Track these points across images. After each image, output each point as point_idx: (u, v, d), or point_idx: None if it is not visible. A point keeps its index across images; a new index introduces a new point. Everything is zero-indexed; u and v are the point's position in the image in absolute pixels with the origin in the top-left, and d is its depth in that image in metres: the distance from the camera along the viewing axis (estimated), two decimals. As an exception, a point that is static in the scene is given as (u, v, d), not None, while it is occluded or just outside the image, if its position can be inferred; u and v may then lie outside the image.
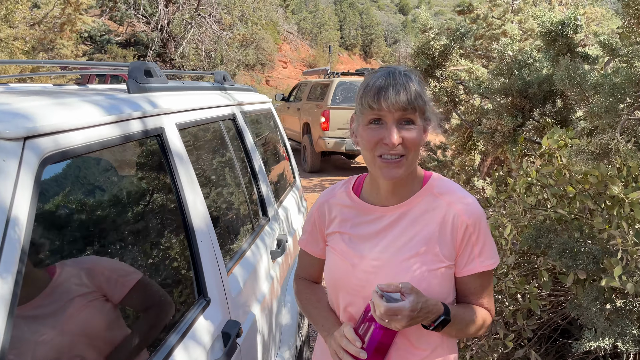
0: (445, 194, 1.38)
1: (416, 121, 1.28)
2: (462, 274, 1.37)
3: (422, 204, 1.37)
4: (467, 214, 1.34)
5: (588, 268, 2.34)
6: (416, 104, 1.25)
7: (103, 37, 20.51)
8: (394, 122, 1.26)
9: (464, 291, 1.42)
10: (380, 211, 1.40)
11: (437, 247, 1.33)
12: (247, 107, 2.88)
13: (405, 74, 1.29)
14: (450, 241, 1.34)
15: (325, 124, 10.89)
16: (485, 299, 1.42)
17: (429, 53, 3.77)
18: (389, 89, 1.24)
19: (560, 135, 3.01)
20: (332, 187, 1.55)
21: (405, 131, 1.26)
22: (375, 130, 1.28)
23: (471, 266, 1.36)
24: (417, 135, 1.27)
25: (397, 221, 1.37)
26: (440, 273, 1.33)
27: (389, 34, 49.18)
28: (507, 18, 9.85)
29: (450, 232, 1.34)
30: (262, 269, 2.29)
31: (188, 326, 1.49)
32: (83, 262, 1.21)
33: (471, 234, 1.34)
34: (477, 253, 1.35)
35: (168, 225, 1.61)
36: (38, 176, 1.03)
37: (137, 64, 1.79)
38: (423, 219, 1.36)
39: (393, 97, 1.23)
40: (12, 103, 1.11)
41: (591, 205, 2.72)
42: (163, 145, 1.65)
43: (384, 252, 1.36)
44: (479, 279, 1.39)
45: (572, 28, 2.75)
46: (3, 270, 0.86)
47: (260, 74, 27.40)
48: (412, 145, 1.27)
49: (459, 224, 1.34)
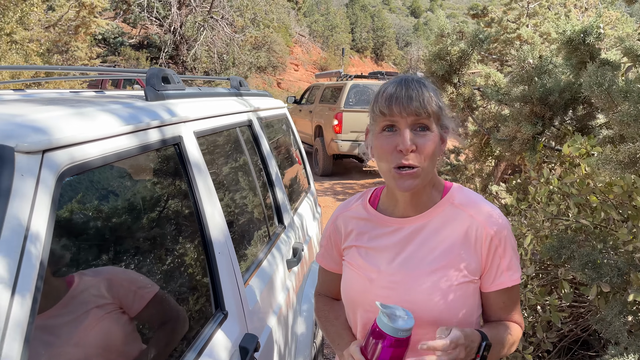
0: (466, 205, 1.32)
1: (431, 127, 1.23)
2: (491, 289, 1.31)
3: (442, 215, 1.31)
4: (491, 226, 1.28)
5: (612, 281, 2.28)
6: (430, 108, 1.21)
7: (117, 40, 20.64)
8: (407, 127, 1.21)
9: (492, 307, 1.35)
10: (398, 223, 1.34)
11: (460, 261, 1.27)
12: (263, 113, 2.84)
13: (418, 80, 1.25)
14: (475, 255, 1.28)
15: (338, 126, 10.71)
16: (515, 314, 1.37)
17: (446, 59, 3.72)
18: (401, 94, 1.21)
19: (582, 143, 2.95)
20: (347, 201, 1.50)
21: (420, 137, 1.21)
22: (388, 138, 1.23)
23: (500, 280, 1.30)
24: (432, 143, 1.22)
25: (416, 233, 1.32)
26: (464, 289, 1.27)
27: (401, 37, 49.09)
28: (522, 22, 9.75)
29: (474, 246, 1.28)
30: (278, 279, 2.25)
31: (205, 342, 1.45)
32: (102, 272, 1.18)
33: (497, 246, 1.28)
34: (505, 267, 1.29)
35: (186, 237, 1.57)
36: (56, 189, 0.99)
37: (155, 70, 1.76)
38: (444, 231, 1.30)
39: (405, 101, 1.20)
40: (27, 114, 1.08)
41: (615, 215, 2.65)
42: (181, 154, 1.61)
43: (403, 266, 1.30)
44: (507, 294, 1.32)
45: (595, 36, 2.68)
46: (20, 293, 0.82)
47: (272, 76, 27.43)
48: (427, 153, 1.22)
49: (483, 236, 1.28)
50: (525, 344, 2.77)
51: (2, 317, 0.78)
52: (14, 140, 0.96)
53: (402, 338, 1.14)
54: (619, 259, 2.37)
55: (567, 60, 2.96)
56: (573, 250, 2.49)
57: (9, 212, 0.87)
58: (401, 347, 1.16)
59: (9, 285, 0.81)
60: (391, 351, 1.15)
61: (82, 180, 1.15)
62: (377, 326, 1.16)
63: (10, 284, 0.81)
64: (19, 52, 10.07)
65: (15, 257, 0.84)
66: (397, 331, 1.13)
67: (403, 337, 1.14)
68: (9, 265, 0.82)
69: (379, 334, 1.16)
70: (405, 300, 1.26)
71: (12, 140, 0.96)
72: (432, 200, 1.33)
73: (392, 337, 1.14)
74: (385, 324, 1.14)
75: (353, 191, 10.09)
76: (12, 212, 0.87)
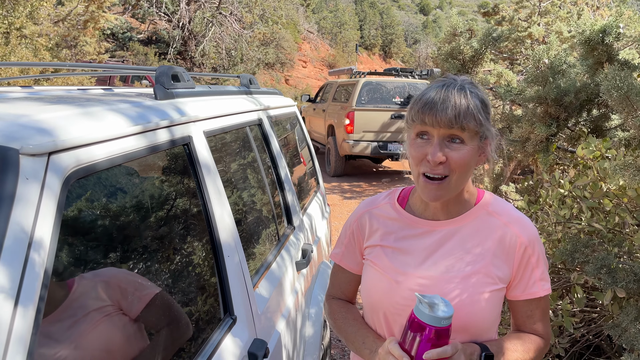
0: (500, 213, 1.31)
1: (466, 140, 1.18)
2: (522, 298, 1.30)
3: (477, 221, 1.30)
4: (525, 235, 1.28)
5: (628, 286, 2.23)
6: (465, 122, 1.15)
7: (125, 35, 20.67)
8: (439, 138, 1.17)
9: (520, 315, 1.34)
10: (429, 225, 1.31)
11: (491, 267, 1.25)
12: (273, 112, 2.80)
13: (462, 87, 1.20)
14: (506, 263, 1.27)
15: (350, 126, 10.20)
16: (541, 324, 1.33)
17: (458, 57, 3.66)
18: (437, 104, 1.16)
19: (596, 146, 2.89)
20: (373, 198, 1.45)
21: (452, 150, 1.17)
22: (421, 146, 1.20)
23: (533, 290, 1.29)
24: (464, 156, 1.18)
25: (448, 237, 1.29)
26: (492, 295, 1.25)
27: (409, 34, 48.90)
28: (534, 20, 9.65)
29: (507, 253, 1.27)
30: (287, 281, 2.21)
31: (214, 348, 1.42)
32: (100, 274, 1.14)
33: (530, 255, 1.27)
34: (539, 276, 1.28)
35: (195, 240, 1.53)
36: (62, 193, 0.96)
37: (165, 68, 1.72)
38: (477, 237, 1.28)
39: (439, 113, 1.15)
40: (33, 114, 1.04)
41: (630, 220, 2.60)
42: (190, 155, 1.57)
43: (433, 269, 1.27)
44: (536, 303, 1.31)
45: (614, 36, 2.62)
46: (23, 304, 0.78)
47: (280, 73, 27.37)
48: (457, 166, 1.18)
49: (517, 245, 1.27)
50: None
51: (5, 330, 0.75)
52: (18, 142, 0.92)
53: (444, 327, 1.09)
54: (634, 263, 2.32)
55: (584, 60, 2.89)
56: (587, 254, 2.44)
57: (12, 219, 0.83)
58: (442, 337, 1.10)
59: (11, 297, 0.77)
60: (432, 342, 1.10)
61: (89, 182, 1.11)
62: (415, 317, 1.11)
63: (13, 295, 0.77)
64: (28, 47, 10.07)
65: (19, 266, 0.80)
66: (440, 320, 1.08)
67: (445, 326, 1.09)
68: (11, 275, 0.78)
69: (418, 326, 1.10)
70: None
71: (17, 142, 0.92)
72: (465, 206, 1.32)
73: (433, 327, 1.09)
74: (426, 314, 1.08)
75: (361, 189, 10.02)
76: (15, 219, 0.83)
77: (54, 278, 0.93)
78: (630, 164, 1.90)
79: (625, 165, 1.92)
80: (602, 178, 2.77)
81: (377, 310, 1.34)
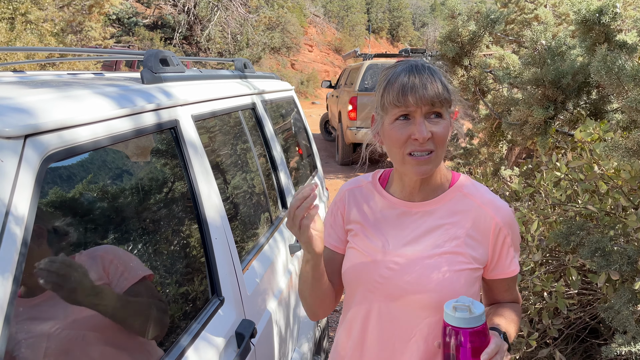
0: (475, 195, 1.35)
1: (444, 115, 1.25)
2: (501, 276, 1.36)
3: (452, 203, 1.34)
4: (499, 216, 1.32)
5: (622, 269, 2.24)
6: (444, 96, 1.23)
7: (130, 20, 20.59)
8: (422, 117, 1.22)
9: (497, 290, 1.41)
10: (407, 206, 1.36)
11: (467, 248, 1.29)
12: (268, 96, 2.81)
13: (429, 66, 1.26)
14: (482, 244, 1.31)
15: (353, 112, 9.58)
16: (514, 292, 1.44)
17: (457, 40, 3.64)
18: (415, 84, 1.21)
19: (594, 128, 2.88)
20: (356, 178, 1.49)
21: (434, 125, 1.23)
22: (403, 127, 1.23)
23: (512, 268, 1.35)
24: (445, 130, 1.25)
25: (425, 218, 1.34)
26: (468, 275, 1.29)
27: (417, 17, 48.36)
28: (540, 2, 9.52)
29: (483, 234, 1.31)
30: (279, 263, 2.24)
31: (201, 327, 1.45)
32: (95, 251, 1.19)
33: (506, 236, 1.32)
34: (513, 255, 1.35)
35: (181, 222, 1.56)
36: (40, 175, 0.98)
37: (153, 52, 1.74)
38: (453, 218, 1.32)
39: (421, 92, 1.20)
40: (15, 97, 1.06)
41: (624, 202, 2.60)
42: (177, 139, 1.59)
43: (409, 248, 1.31)
44: (513, 278, 1.39)
45: (610, 16, 2.59)
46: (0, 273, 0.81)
47: (286, 57, 27.25)
48: (440, 140, 1.24)
49: (492, 226, 1.31)
50: (530, 330, 2.74)
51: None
52: (-5, 125, 0.94)
53: (479, 327, 1.11)
54: (628, 246, 2.32)
55: (582, 41, 2.87)
56: (582, 237, 2.45)
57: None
58: (481, 336, 1.12)
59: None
60: (474, 345, 1.11)
61: (71, 164, 1.13)
62: (448, 325, 1.12)
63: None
64: (33, 32, 10.10)
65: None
66: (478, 319, 1.11)
67: (480, 324, 1.11)
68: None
69: (453, 333, 1.12)
70: (407, 282, 1.28)
71: (-7, 125, 0.94)
72: (440, 187, 1.36)
73: (468, 329, 1.10)
74: (457, 318, 1.11)
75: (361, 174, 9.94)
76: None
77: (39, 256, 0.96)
78: (619, 145, 1.90)
79: (614, 146, 1.92)
80: (596, 160, 2.76)
81: (355, 287, 1.37)
